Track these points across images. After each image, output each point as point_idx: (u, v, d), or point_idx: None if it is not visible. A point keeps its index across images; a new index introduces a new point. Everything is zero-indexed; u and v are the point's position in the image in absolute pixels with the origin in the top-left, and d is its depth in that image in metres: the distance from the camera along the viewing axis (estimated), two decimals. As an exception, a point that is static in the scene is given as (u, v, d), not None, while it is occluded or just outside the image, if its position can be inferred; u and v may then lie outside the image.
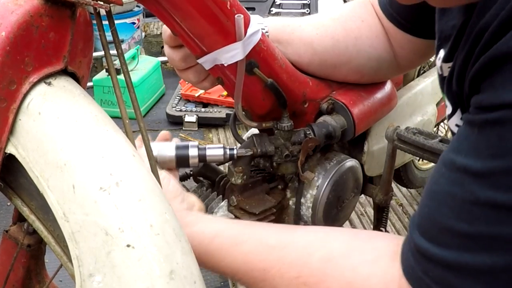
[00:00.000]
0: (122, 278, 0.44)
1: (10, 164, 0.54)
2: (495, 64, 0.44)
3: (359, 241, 0.60)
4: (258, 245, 0.63)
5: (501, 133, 0.43)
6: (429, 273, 0.49)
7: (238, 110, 0.78)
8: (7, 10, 0.51)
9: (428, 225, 0.50)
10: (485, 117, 0.45)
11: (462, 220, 0.46)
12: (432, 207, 0.50)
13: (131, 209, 0.47)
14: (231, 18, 0.67)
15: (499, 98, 0.44)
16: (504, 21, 0.44)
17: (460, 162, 0.47)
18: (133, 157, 0.51)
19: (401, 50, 0.89)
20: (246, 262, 0.63)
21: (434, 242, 0.49)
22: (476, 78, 0.47)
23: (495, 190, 0.44)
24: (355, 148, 1.01)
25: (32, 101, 0.52)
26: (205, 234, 0.66)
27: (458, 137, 0.50)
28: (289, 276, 0.59)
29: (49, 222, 0.56)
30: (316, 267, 0.58)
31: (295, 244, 0.62)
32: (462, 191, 0.46)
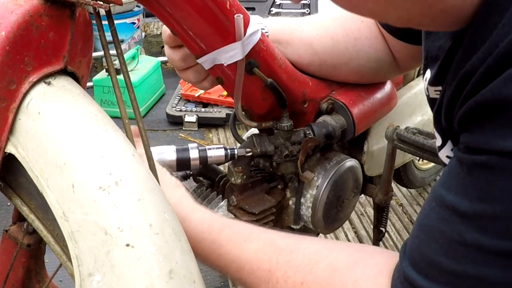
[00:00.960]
0: (122, 277, 0.44)
1: (10, 164, 0.54)
2: (482, 110, 0.45)
3: (363, 255, 0.60)
4: (267, 245, 0.63)
5: (489, 178, 0.44)
6: None
7: (238, 110, 0.78)
8: (6, 10, 0.51)
9: (418, 257, 0.50)
10: (474, 158, 0.46)
11: (450, 258, 0.47)
12: (422, 240, 0.51)
13: (130, 208, 0.47)
14: (231, 18, 0.67)
15: (488, 144, 0.44)
16: (490, 68, 0.44)
17: (449, 200, 0.48)
18: (132, 156, 0.51)
19: (398, 55, 0.89)
20: (253, 259, 0.62)
21: (422, 274, 0.49)
22: (464, 120, 0.48)
23: (481, 233, 0.45)
24: (355, 148, 1.01)
25: (31, 101, 0.52)
26: (216, 223, 0.65)
27: (449, 171, 0.50)
28: (294, 280, 0.59)
29: (49, 222, 0.56)
30: (320, 276, 0.58)
31: (303, 250, 0.62)
32: (451, 230, 0.47)
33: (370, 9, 0.52)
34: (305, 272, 0.59)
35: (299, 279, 0.59)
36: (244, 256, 0.63)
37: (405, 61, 0.89)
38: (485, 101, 0.44)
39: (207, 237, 0.64)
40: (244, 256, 0.63)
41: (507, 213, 0.43)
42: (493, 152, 0.43)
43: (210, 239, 0.64)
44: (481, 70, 0.45)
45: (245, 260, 0.62)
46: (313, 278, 0.58)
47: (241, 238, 0.64)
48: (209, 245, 0.64)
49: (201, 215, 0.66)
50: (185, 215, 0.65)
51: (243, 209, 0.85)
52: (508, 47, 0.43)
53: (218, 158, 0.82)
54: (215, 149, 0.82)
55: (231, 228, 0.65)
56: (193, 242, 0.62)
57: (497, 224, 0.44)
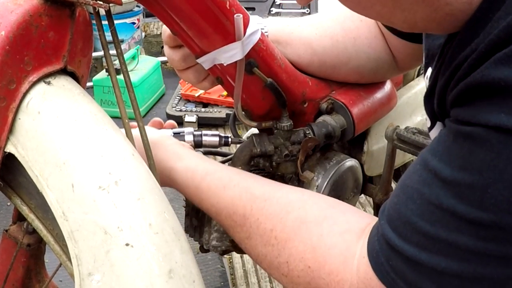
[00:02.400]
0: (121, 277, 0.44)
1: (10, 163, 0.54)
2: (472, 91, 0.47)
3: (335, 211, 0.63)
4: (243, 192, 0.68)
5: (471, 148, 0.46)
6: (390, 261, 0.51)
7: (238, 110, 0.78)
8: (6, 10, 0.52)
9: (395, 216, 0.52)
10: (460, 128, 0.47)
11: (425, 220, 0.49)
12: (401, 199, 0.52)
13: (130, 208, 0.47)
14: (230, 17, 0.67)
15: (474, 117, 0.46)
16: (482, 53, 0.46)
17: (433, 164, 0.49)
18: (132, 156, 0.51)
19: (398, 54, 0.89)
20: (230, 205, 0.67)
21: (397, 232, 0.51)
22: (456, 100, 0.50)
23: (457, 200, 0.46)
24: (355, 148, 1.01)
25: (31, 100, 0.53)
26: (198, 170, 0.71)
27: (438, 138, 0.52)
28: (265, 227, 0.64)
29: (48, 221, 0.56)
30: (289, 225, 0.62)
31: (277, 200, 0.66)
32: (429, 193, 0.49)
33: (377, 11, 0.53)
34: (275, 221, 0.63)
35: (269, 226, 0.63)
36: (222, 202, 0.68)
37: (405, 60, 0.89)
38: (475, 83, 0.46)
39: (190, 184, 0.71)
40: (222, 202, 0.68)
41: (483, 183, 0.45)
42: (478, 124, 0.45)
43: (193, 185, 0.71)
44: (473, 56, 0.47)
45: (223, 206, 0.68)
46: (282, 227, 0.62)
47: (220, 185, 0.69)
48: (193, 191, 0.71)
49: (186, 164, 0.73)
50: (171, 166, 0.73)
51: (243, 209, 0.85)
52: (499, 34, 0.45)
53: (212, 143, 0.87)
54: (210, 135, 0.87)
55: (212, 176, 0.71)
56: (180, 189, 0.73)
57: (473, 193, 0.45)
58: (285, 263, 0.61)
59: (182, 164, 0.73)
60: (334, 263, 0.58)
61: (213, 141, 0.86)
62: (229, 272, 1.70)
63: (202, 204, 0.71)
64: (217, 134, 0.87)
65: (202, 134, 0.86)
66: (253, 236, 0.65)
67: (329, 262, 0.58)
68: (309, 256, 0.59)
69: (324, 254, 0.58)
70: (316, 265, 0.58)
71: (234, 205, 0.67)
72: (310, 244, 0.60)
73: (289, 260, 0.61)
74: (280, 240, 0.62)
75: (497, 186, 0.44)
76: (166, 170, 0.73)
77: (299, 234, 0.61)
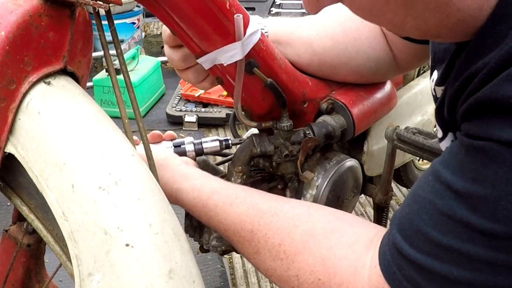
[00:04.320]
0: (121, 277, 0.44)
1: (10, 164, 0.54)
2: (482, 106, 0.48)
3: (342, 223, 0.64)
4: (250, 208, 0.68)
5: (484, 161, 0.47)
6: (402, 270, 0.52)
7: (238, 110, 0.78)
8: (6, 10, 0.51)
9: (407, 225, 0.53)
10: (473, 142, 0.48)
11: (437, 230, 0.50)
12: (413, 209, 0.53)
13: (130, 208, 0.47)
14: (231, 18, 0.67)
15: (486, 133, 0.47)
16: (492, 69, 0.47)
17: (445, 176, 0.50)
18: (132, 156, 0.51)
19: (400, 54, 0.89)
20: (237, 221, 0.68)
21: (409, 242, 0.52)
22: (466, 114, 0.51)
23: (470, 211, 0.47)
24: (355, 148, 1.01)
25: (31, 101, 0.52)
26: (204, 189, 0.72)
27: (450, 151, 0.53)
28: (273, 242, 0.64)
29: (48, 221, 0.56)
30: (297, 239, 0.63)
31: (284, 214, 0.67)
32: (442, 204, 0.50)
33: (389, 19, 0.53)
34: (283, 235, 0.64)
35: (277, 241, 0.64)
36: (229, 218, 0.69)
37: (406, 60, 0.89)
38: (484, 98, 0.47)
39: (197, 203, 0.72)
40: (230, 219, 0.69)
41: (496, 196, 0.46)
42: (490, 139, 0.46)
43: (201, 204, 0.72)
44: (484, 71, 0.48)
45: (230, 222, 0.69)
46: (290, 241, 0.63)
47: (227, 202, 0.70)
48: (200, 210, 0.72)
49: (192, 184, 0.74)
50: (178, 187, 0.74)
51: (243, 209, 0.85)
52: (509, 50, 0.46)
53: (213, 149, 0.88)
54: (209, 141, 0.87)
55: (218, 194, 0.71)
56: (187, 208, 0.74)
57: (485, 205, 0.46)
58: (295, 276, 0.62)
59: (189, 185, 0.74)
60: (344, 274, 0.58)
61: (214, 146, 0.87)
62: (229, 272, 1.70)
63: (210, 222, 0.72)
64: (216, 139, 0.87)
65: (202, 142, 0.86)
66: (262, 251, 0.65)
67: (339, 273, 0.58)
68: (319, 268, 0.60)
69: (334, 265, 0.59)
70: (326, 277, 0.59)
71: (242, 221, 0.68)
72: (320, 256, 0.60)
73: (299, 274, 0.61)
74: (289, 254, 0.62)
75: (509, 198, 0.45)
76: (173, 191, 0.74)
77: (308, 247, 0.61)
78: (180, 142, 0.86)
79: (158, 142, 0.88)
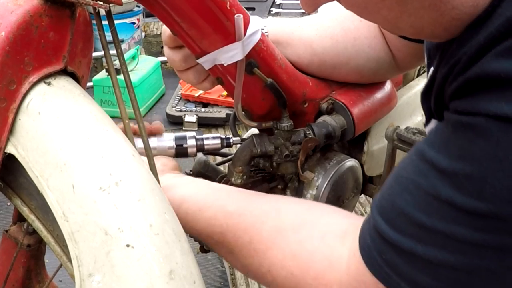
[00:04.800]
0: (122, 278, 0.44)
1: (10, 164, 0.54)
2: (472, 84, 0.46)
3: (312, 215, 0.63)
4: (218, 211, 0.69)
5: (471, 137, 0.45)
6: (383, 255, 0.51)
7: (238, 110, 0.78)
8: (6, 10, 0.51)
9: (389, 207, 0.51)
10: (460, 118, 0.47)
11: (421, 211, 0.48)
12: (395, 190, 0.51)
13: (130, 209, 0.47)
14: (231, 18, 0.67)
15: (474, 107, 0.45)
16: (481, 47, 0.46)
17: (430, 155, 0.49)
18: (132, 157, 0.51)
19: (399, 53, 0.89)
20: (207, 226, 0.69)
21: (391, 224, 0.50)
22: (455, 94, 0.49)
23: (456, 191, 0.46)
24: (355, 148, 1.01)
25: (31, 101, 0.52)
26: (174, 200, 0.71)
27: (436, 130, 0.51)
28: (243, 241, 0.64)
29: (49, 222, 0.56)
30: (265, 236, 0.63)
31: (250, 212, 0.67)
32: (427, 183, 0.48)
33: (384, 16, 0.53)
34: (252, 233, 0.64)
35: (247, 239, 0.64)
36: (199, 224, 0.70)
37: (405, 60, 0.89)
38: (474, 75, 0.46)
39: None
40: (200, 225, 0.70)
41: (483, 173, 0.44)
42: (478, 114, 0.45)
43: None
44: (472, 50, 0.47)
45: (201, 228, 0.70)
46: (259, 238, 0.63)
47: (196, 209, 0.70)
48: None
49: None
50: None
51: (243, 209, 0.85)
52: (499, 28, 0.44)
53: (214, 146, 0.87)
54: (211, 138, 0.87)
55: (188, 202, 0.71)
56: None
57: (472, 183, 0.45)
58: (268, 272, 0.62)
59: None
60: (318, 268, 0.57)
61: (215, 144, 0.87)
62: (229, 272, 1.70)
63: (185, 229, 0.72)
64: (218, 137, 0.87)
65: (204, 138, 0.86)
66: (235, 250, 0.66)
67: (313, 267, 0.57)
68: (291, 263, 0.59)
69: (306, 260, 0.58)
70: (299, 272, 0.58)
71: (211, 225, 0.68)
72: (290, 251, 0.60)
73: (270, 269, 0.61)
74: (259, 251, 0.62)
75: (497, 175, 0.43)
76: None
77: (276, 243, 0.61)
78: (182, 136, 0.86)
79: (159, 135, 0.88)
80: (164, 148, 0.85)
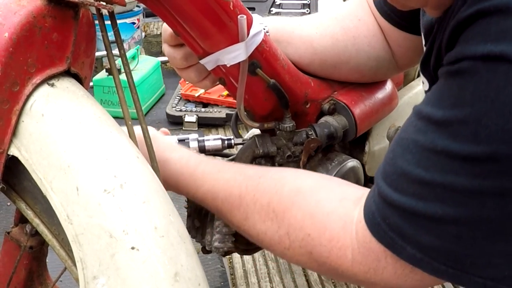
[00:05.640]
0: (127, 280, 0.44)
1: (14, 167, 0.54)
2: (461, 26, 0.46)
3: (330, 182, 0.65)
4: (237, 173, 0.69)
5: (461, 83, 0.45)
6: (386, 220, 0.51)
7: (240, 111, 0.78)
8: (10, 11, 0.51)
9: (391, 170, 0.52)
10: (449, 68, 0.47)
11: (420, 167, 0.48)
12: (397, 152, 0.52)
13: (135, 211, 0.47)
14: (234, 18, 0.67)
15: (461, 52, 0.46)
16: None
17: (426, 111, 0.49)
18: (137, 159, 0.51)
19: (398, 48, 0.89)
20: (225, 187, 0.68)
21: (393, 187, 0.51)
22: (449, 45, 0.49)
23: (451, 139, 0.46)
24: (357, 148, 1.01)
25: (35, 103, 0.52)
26: (191, 159, 0.72)
27: (431, 90, 0.52)
28: (261, 202, 0.64)
29: (54, 226, 0.55)
30: (285, 196, 0.63)
31: (271, 175, 0.67)
32: (424, 139, 0.48)
33: None
34: (271, 194, 0.64)
35: (266, 201, 0.64)
36: (217, 185, 0.69)
37: (405, 55, 0.89)
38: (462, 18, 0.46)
39: (185, 171, 0.71)
40: (218, 185, 0.69)
41: (476, 115, 0.44)
42: (466, 58, 0.45)
43: (188, 173, 0.71)
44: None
45: (218, 189, 0.68)
46: (278, 198, 0.63)
47: (214, 170, 0.70)
48: (188, 179, 0.71)
49: (180, 154, 0.73)
50: (166, 157, 0.72)
51: (246, 210, 0.85)
52: None
53: (215, 147, 0.88)
54: (212, 140, 0.89)
55: (206, 163, 0.72)
56: (174, 178, 0.72)
57: (466, 128, 0.45)
58: (285, 235, 0.61)
59: (176, 154, 0.74)
60: (334, 228, 0.58)
61: (216, 145, 0.88)
62: (229, 272, 1.70)
63: (198, 192, 0.71)
64: (219, 138, 0.88)
65: (205, 140, 0.88)
66: (251, 215, 0.65)
67: (329, 228, 0.58)
68: (308, 223, 0.59)
69: (323, 219, 0.59)
70: (316, 232, 0.59)
71: (229, 187, 0.68)
72: (308, 210, 0.60)
73: (289, 231, 0.61)
74: (278, 212, 0.62)
75: (489, 115, 0.43)
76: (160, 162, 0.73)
77: (297, 202, 0.61)
78: (184, 138, 0.87)
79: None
80: None
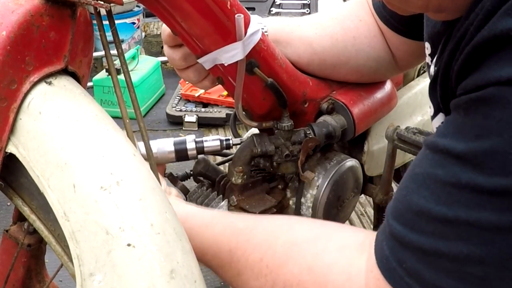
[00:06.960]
0: (123, 277, 0.44)
1: (11, 164, 0.54)
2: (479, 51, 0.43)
3: (326, 229, 0.59)
4: (226, 227, 0.64)
5: (485, 111, 0.42)
6: (403, 264, 0.47)
7: (239, 110, 0.78)
8: (7, 10, 0.51)
9: (405, 209, 0.47)
10: (470, 96, 0.43)
11: (441, 203, 0.44)
12: (411, 189, 0.48)
13: (131, 208, 0.47)
14: (231, 18, 0.67)
15: (484, 78, 0.42)
16: (488, 12, 0.43)
17: (443, 144, 0.45)
18: (133, 156, 0.51)
19: (398, 52, 0.89)
20: (214, 243, 0.64)
21: (409, 226, 0.46)
22: (462, 72, 0.46)
23: (477, 172, 0.42)
24: (355, 148, 1.01)
25: (32, 101, 0.52)
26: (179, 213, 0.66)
27: (446, 122, 0.48)
28: (253, 258, 0.59)
29: (50, 222, 0.56)
30: (279, 251, 0.58)
31: (262, 228, 0.62)
32: (444, 173, 0.44)
33: None
34: (264, 249, 0.59)
35: (258, 256, 0.59)
36: (206, 241, 0.65)
37: (404, 58, 0.90)
38: (481, 40, 0.43)
39: None
40: (206, 241, 0.65)
41: (504, 144, 0.40)
42: (490, 84, 0.41)
43: None
44: (479, 17, 0.44)
45: (207, 245, 0.64)
46: (272, 253, 0.58)
47: (202, 225, 0.66)
48: None
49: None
50: None
51: (244, 209, 0.85)
52: None
53: (214, 148, 0.88)
54: (210, 140, 0.88)
55: (193, 217, 0.68)
56: None
57: (494, 158, 0.41)
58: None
59: None
60: (337, 280, 0.52)
61: (215, 146, 0.88)
62: (229, 272, 1.70)
63: None
64: (217, 139, 0.88)
65: (203, 141, 0.87)
66: (243, 271, 0.60)
67: (331, 281, 0.53)
68: (307, 278, 0.54)
69: (323, 273, 0.54)
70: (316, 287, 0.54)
71: (218, 242, 0.63)
72: (306, 264, 0.55)
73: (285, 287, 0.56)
74: (273, 268, 0.57)
75: None
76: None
77: (292, 256, 0.56)
78: (181, 141, 0.87)
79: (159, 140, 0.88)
80: (165, 152, 0.86)
